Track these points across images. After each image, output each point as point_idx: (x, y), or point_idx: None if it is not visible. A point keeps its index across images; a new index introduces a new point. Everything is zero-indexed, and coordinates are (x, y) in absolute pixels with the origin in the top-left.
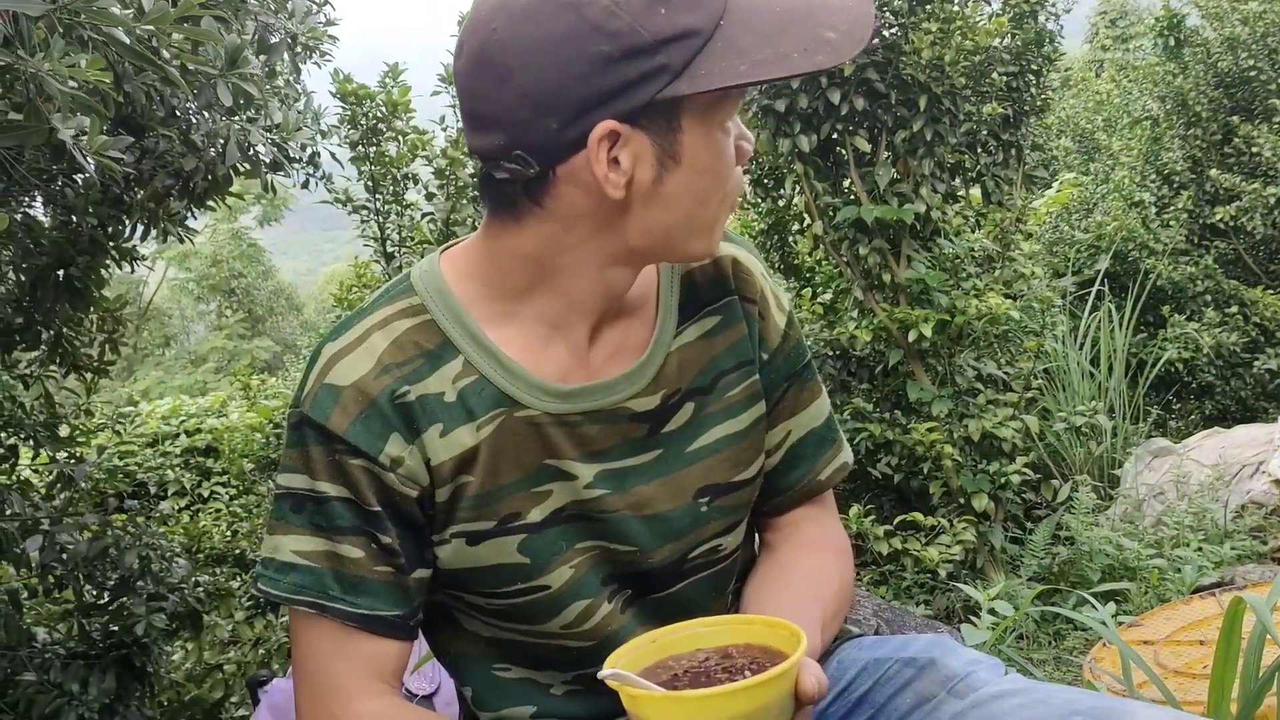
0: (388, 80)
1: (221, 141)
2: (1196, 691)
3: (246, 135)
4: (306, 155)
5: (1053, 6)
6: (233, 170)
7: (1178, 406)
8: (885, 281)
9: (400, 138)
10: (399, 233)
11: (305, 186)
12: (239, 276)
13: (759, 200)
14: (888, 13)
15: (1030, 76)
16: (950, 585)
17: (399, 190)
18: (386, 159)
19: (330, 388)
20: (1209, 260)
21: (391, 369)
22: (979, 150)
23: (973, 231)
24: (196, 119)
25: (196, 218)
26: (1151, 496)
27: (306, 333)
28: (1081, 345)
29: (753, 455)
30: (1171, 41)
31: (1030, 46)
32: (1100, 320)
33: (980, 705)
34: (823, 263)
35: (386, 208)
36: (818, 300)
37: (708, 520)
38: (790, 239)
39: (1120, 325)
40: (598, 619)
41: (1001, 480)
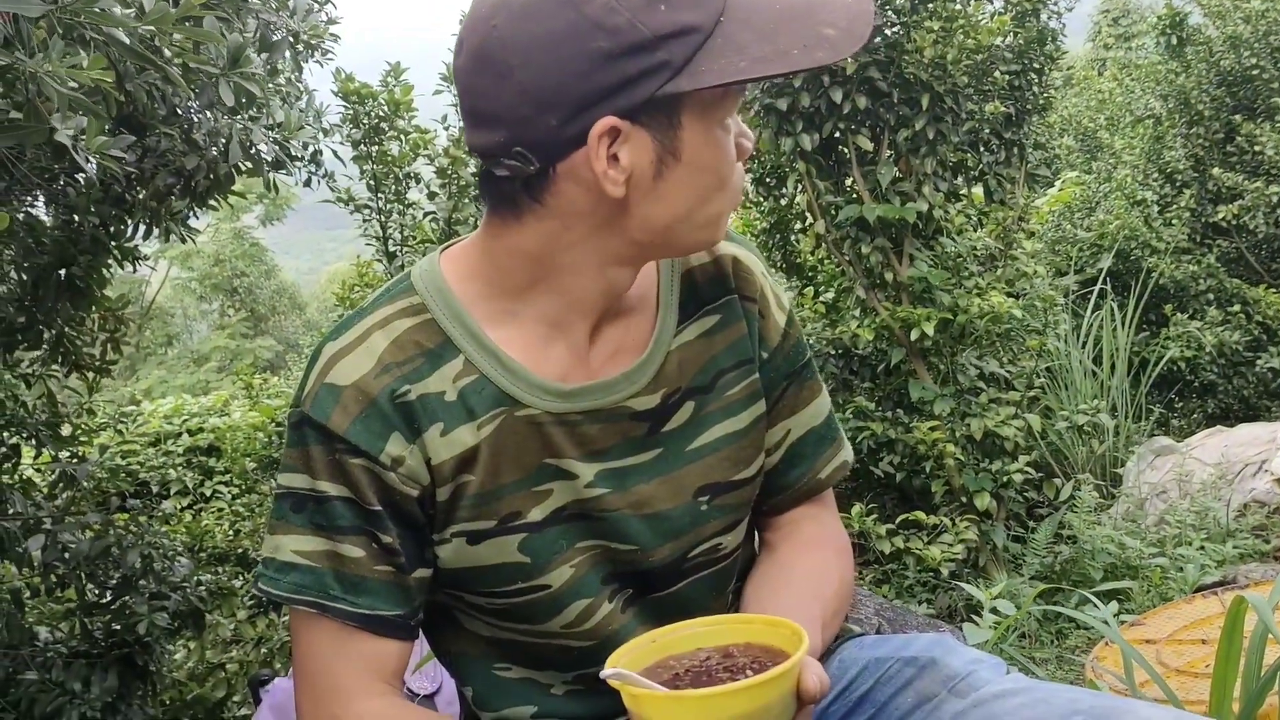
0: (390, 79)
1: (223, 140)
2: (1199, 690)
3: (248, 134)
4: (308, 154)
5: (1055, 5)
6: (235, 169)
7: (1180, 405)
8: (887, 280)
9: (402, 137)
10: (401, 232)
11: (307, 185)
12: (241, 275)
13: (761, 199)
14: (890, 11)
15: (1032, 75)
16: (952, 584)
17: (401, 189)
18: (389, 158)
19: (331, 387)
20: (1211, 259)
21: (392, 368)
22: (981, 149)
23: (975, 230)
24: (198, 118)
25: (199, 217)
26: (1154, 495)
27: (309, 332)
28: (1084, 344)
29: (753, 454)
30: (1174, 40)
31: (1032, 45)
32: (1102, 319)
33: (981, 704)
34: (825, 261)
35: (389, 207)
36: (820, 299)
37: (708, 519)
38: (792, 238)
39: (1122, 324)
40: (598, 618)
41: (1004, 479)
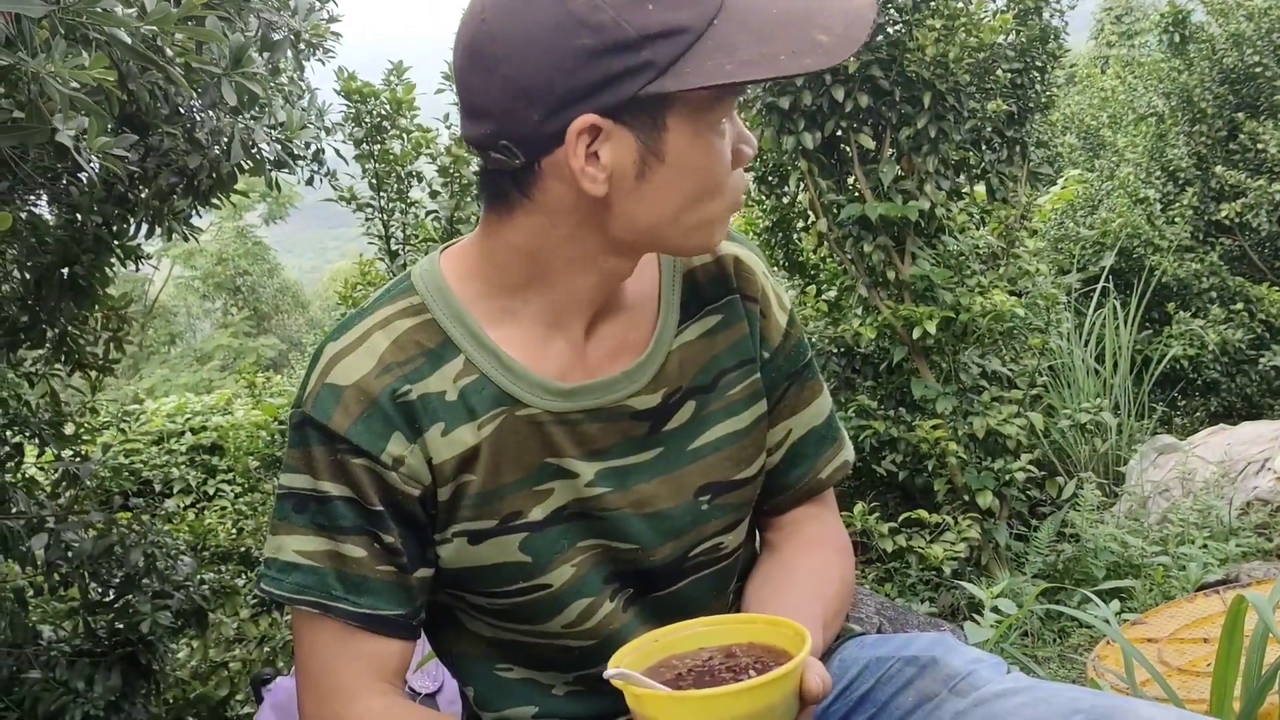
0: (391, 78)
1: (226, 139)
2: (1200, 689)
3: (251, 133)
4: (311, 153)
5: (1057, 3)
6: (237, 168)
7: (1183, 403)
8: (890, 279)
9: (404, 135)
10: (403, 230)
11: (310, 184)
12: (244, 274)
13: (763, 198)
14: (892, 9)
15: (1035, 73)
16: (955, 583)
17: (403, 188)
18: (391, 157)
19: (332, 387)
20: (1214, 257)
21: (393, 368)
22: (983, 147)
23: (977, 228)
24: (201, 117)
25: (201, 215)
26: (1156, 493)
27: (312, 330)
28: (1086, 342)
29: (754, 454)
30: (1177, 38)
31: (1035, 43)
32: (1105, 317)
33: (982, 704)
34: (827, 260)
35: (391, 205)
36: (822, 297)
37: (709, 518)
38: (795, 236)
39: (1125, 322)
40: (599, 618)
41: (1006, 477)
